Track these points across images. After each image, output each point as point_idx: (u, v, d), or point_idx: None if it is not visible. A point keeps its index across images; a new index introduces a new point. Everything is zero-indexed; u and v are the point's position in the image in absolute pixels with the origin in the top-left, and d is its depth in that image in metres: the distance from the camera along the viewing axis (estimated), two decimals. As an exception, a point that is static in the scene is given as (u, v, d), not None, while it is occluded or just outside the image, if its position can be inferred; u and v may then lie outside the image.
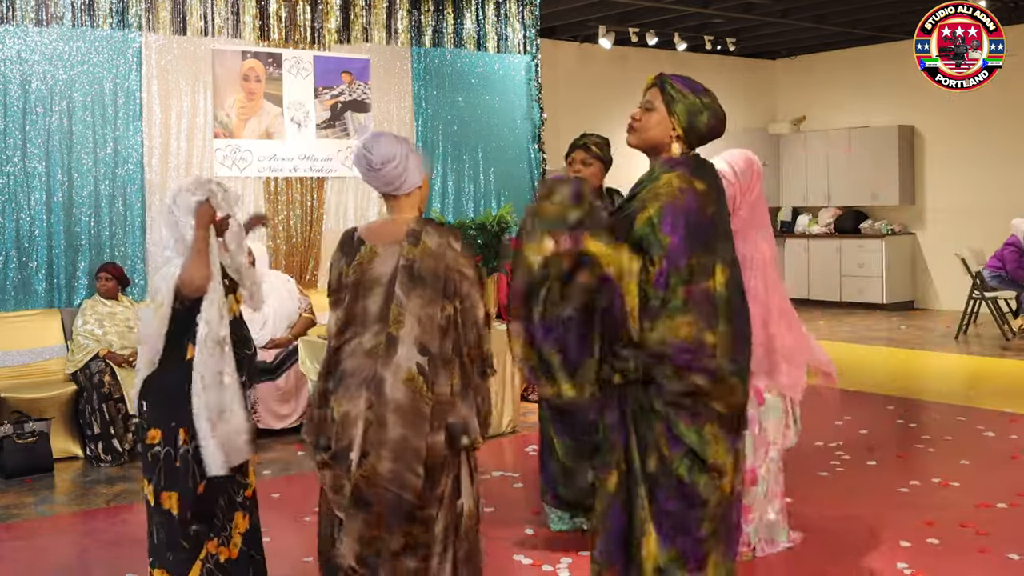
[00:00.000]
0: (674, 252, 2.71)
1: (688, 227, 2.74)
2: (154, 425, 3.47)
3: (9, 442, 5.84)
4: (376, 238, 2.90)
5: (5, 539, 4.80)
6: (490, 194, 9.08)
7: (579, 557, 4.23)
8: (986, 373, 8.52)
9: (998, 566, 4.05)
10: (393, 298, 2.81)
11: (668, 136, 2.90)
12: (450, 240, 2.87)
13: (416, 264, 2.82)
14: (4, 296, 6.82)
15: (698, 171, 2.86)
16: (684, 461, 2.74)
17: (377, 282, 2.84)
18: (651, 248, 2.73)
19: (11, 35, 6.86)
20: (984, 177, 12.03)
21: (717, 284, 2.76)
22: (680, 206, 2.75)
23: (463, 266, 2.87)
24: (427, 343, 2.79)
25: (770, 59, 14.14)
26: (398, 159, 2.89)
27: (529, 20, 9.44)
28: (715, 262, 2.76)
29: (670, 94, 2.95)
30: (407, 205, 2.96)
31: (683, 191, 2.77)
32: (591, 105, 12.05)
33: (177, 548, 3.46)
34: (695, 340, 2.70)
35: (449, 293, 2.83)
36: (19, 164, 6.88)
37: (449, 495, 2.86)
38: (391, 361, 2.78)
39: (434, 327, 2.81)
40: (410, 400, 2.77)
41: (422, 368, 2.78)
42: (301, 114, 8.11)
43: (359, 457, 2.77)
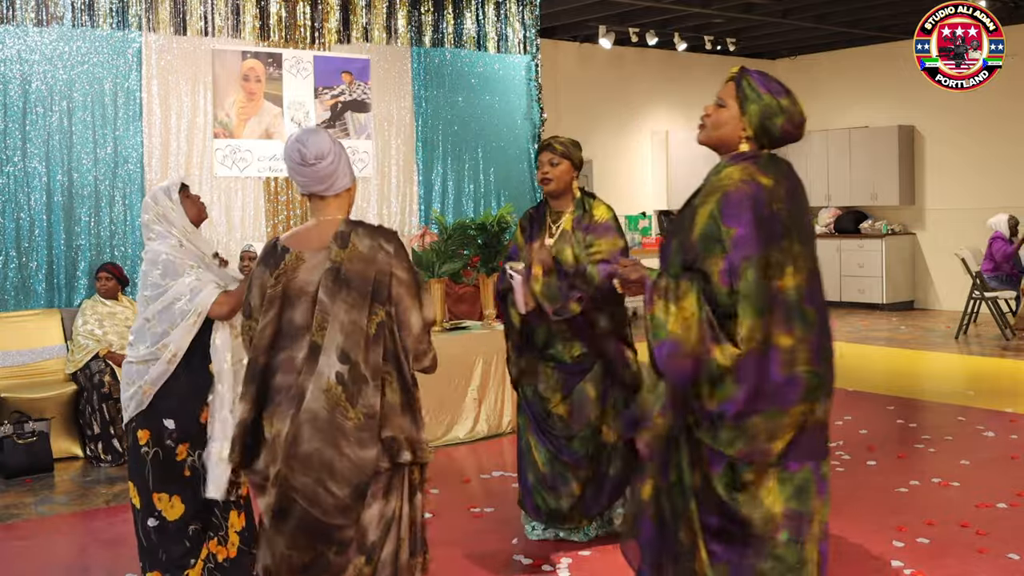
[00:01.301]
0: (742, 242, 2.54)
1: (756, 217, 2.56)
2: (144, 426, 3.47)
3: (9, 442, 5.84)
4: (301, 244, 2.70)
5: (5, 539, 4.80)
6: (490, 194, 9.08)
7: (579, 557, 4.23)
8: (986, 373, 8.52)
9: (998, 566, 4.05)
10: (318, 304, 2.62)
11: (738, 136, 2.74)
12: (382, 242, 2.67)
13: (343, 267, 2.62)
14: (4, 296, 6.82)
15: (767, 167, 2.68)
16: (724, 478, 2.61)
17: (303, 291, 2.64)
18: (713, 246, 2.57)
19: (11, 35, 6.86)
20: (984, 177, 12.03)
21: (787, 287, 2.57)
22: (741, 196, 2.59)
23: (396, 269, 2.66)
24: (349, 351, 2.58)
25: (770, 59, 14.13)
26: (331, 156, 2.72)
27: (529, 20, 9.44)
28: (785, 262, 2.57)
29: (745, 92, 2.72)
30: (335, 207, 2.77)
31: (746, 182, 2.61)
32: (591, 105, 12.06)
33: (172, 546, 3.46)
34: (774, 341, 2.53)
35: (381, 298, 2.63)
36: (19, 164, 6.89)
37: (380, 519, 2.63)
38: (313, 371, 2.59)
39: (360, 334, 2.59)
40: (327, 412, 2.56)
41: (341, 377, 2.56)
42: (301, 114, 8.11)
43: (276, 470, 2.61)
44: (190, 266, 3.47)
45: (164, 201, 3.53)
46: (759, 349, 2.55)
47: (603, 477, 4.32)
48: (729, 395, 2.57)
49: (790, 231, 2.60)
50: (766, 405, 2.57)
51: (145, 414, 3.47)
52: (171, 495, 3.48)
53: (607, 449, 4.31)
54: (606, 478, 4.33)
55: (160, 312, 3.44)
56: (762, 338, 2.54)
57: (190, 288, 3.42)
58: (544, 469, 4.34)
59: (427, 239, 7.05)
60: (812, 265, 2.65)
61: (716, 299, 2.58)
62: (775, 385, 2.56)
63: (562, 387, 4.28)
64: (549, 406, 4.31)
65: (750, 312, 2.53)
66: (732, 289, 2.55)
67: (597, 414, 4.27)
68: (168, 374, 3.44)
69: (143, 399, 3.46)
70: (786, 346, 2.56)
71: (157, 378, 3.44)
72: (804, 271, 2.61)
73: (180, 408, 3.48)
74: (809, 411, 2.60)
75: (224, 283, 3.53)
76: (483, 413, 6.46)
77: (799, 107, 2.73)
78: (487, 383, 6.47)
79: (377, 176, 8.49)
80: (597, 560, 4.22)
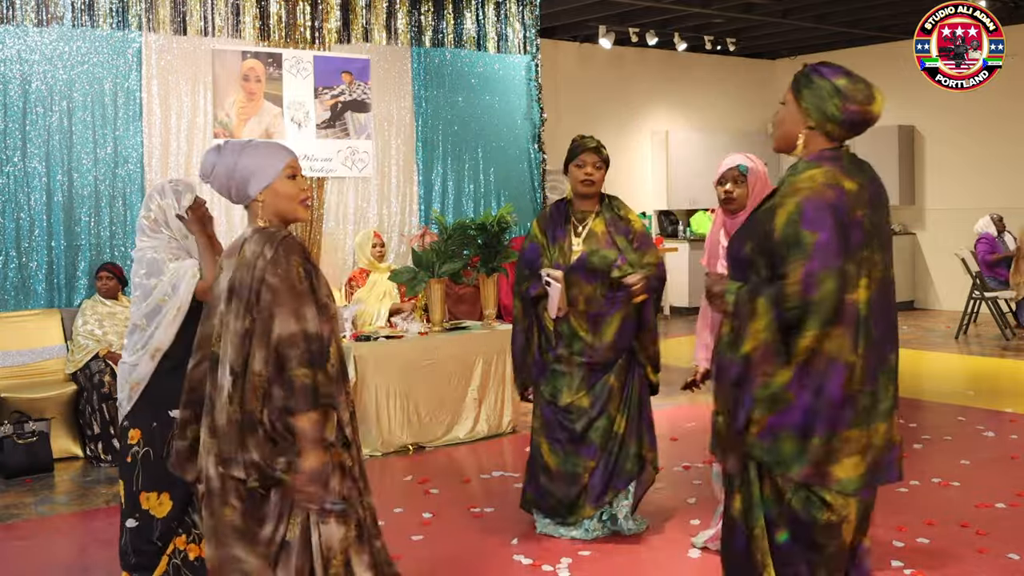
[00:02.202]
0: (824, 249, 2.42)
1: (837, 224, 2.44)
2: (135, 425, 3.47)
3: (9, 442, 5.84)
4: (224, 254, 2.72)
5: (5, 539, 4.80)
6: (490, 194, 9.08)
7: (579, 557, 4.23)
8: (986, 373, 8.52)
9: (998, 566, 4.05)
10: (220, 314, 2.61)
11: (798, 129, 2.60)
12: (265, 248, 2.55)
13: (235, 275, 2.58)
14: (4, 296, 6.82)
15: (851, 170, 2.56)
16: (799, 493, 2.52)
17: (219, 298, 2.64)
18: (795, 251, 2.45)
19: (11, 35, 6.86)
20: (984, 177, 12.03)
21: (859, 301, 2.47)
22: (823, 202, 2.46)
23: (268, 274, 2.52)
24: (234, 361, 2.53)
25: (770, 59, 14.13)
26: (219, 171, 2.68)
27: (529, 20, 9.44)
28: (860, 274, 2.48)
29: (799, 82, 2.60)
30: (252, 216, 2.71)
31: (829, 186, 2.48)
32: (591, 105, 12.06)
33: (145, 547, 3.46)
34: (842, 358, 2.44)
35: (251, 306, 2.53)
36: (19, 164, 6.89)
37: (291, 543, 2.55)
38: (216, 382, 2.57)
39: (239, 343, 2.53)
40: (225, 424, 2.53)
41: (230, 388, 2.53)
42: (301, 114, 8.11)
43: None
44: (169, 260, 3.45)
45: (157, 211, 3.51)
46: (821, 364, 2.46)
47: (609, 466, 4.37)
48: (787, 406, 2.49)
49: (871, 239, 2.51)
50: (825, 425, 2.48)
51: (140, 413, 3.47)
52: (160, 492, 3.46)
53: (616, 439, 4.36)
54: (613, 468, 4.37)
55: (148, 314, 3.44)
56: (825, 352, 2.46)
57: (171, 285, 3.41)
58: (560, 468, 4.37)
59: (427, 239, 7.06)
60: (886, 273, 2.56)
61: (786, 304, 2.46)
62: (834, 404, 2.47)
63: (585, 383, 4.34)
64: (570, 401, 4.35)
65: (816, 323, 2.43)
66: (806, 298, 2.44)
67: (616, 404, 4.35)
68: (151, 372, 3.42)
69: (132, 395, 3.46)
70: (850, 363, 2.47)
71: (143, 375, 3.43)
72: (876, 282, 2.52)
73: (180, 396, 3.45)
74: (866, 435, 2.50)
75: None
76: (483, 413, 6.46)
77: (862, 87, 2.56)
78: (487, 383, 6.47)
79: (377, 176, 8.49)
80: (597, 560, 4.22)
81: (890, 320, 2.58)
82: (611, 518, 4.48)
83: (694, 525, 4.62)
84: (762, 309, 2.50)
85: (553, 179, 9.89)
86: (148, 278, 3.45)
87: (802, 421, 2.48)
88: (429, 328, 6.42)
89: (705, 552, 4.26)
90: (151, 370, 3.43)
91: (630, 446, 4.39)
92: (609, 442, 4.36)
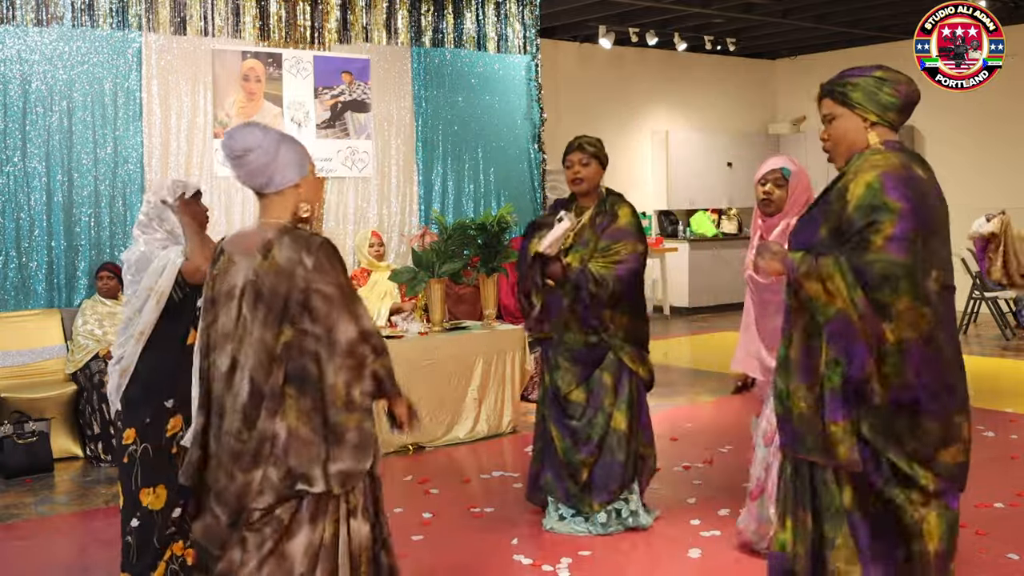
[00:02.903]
0: (911, 215, 2.38)
1: (917, 199, 2.41)
2: (129, 424, 3.47)
3: (9, 442, 5.84)
4: (234, 246, 2.60)
5: (5, 539, 4.80)
6: (490, 194, 9.08)
7: (579, 557, 4.23)
8: (986, 373, 8.52)
9: (998, 566, 4.05)
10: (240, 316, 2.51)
11: (864, 129, 2.61)
12: (303, 255, 2.48)
13: (261, 279, 2.49)
14: (4, 296, 6.82)
15: (921, 163, 2.59)
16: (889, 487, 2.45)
17: (230, 295, 2.54)
18: (879, 213, 2.39)
19: (11, 35, 6.86)
20: (984, 177, 12.03)
21: (933, 289, 2.41)
22: (903, 176, 2.45)
23: (318, 284, 2.47)
24: (255, 371, 2.47)
25: (770, 59, 14.14)
26: (260, 149, 2.56)
27: (529, 20, 9.44)
28: (932, 264, 2.42)
29: (841, 92, 2.65)
30: (276, 207, 2.62)
31: (905, 167, 2.49)
32: (591, 105, 12.06)
33: (147, 550, 3.45)
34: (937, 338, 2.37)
35: (291, 316, 2.47)
36: (19, 164, 6.88)
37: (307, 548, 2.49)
38: (231, 388, 2.50)
39: (265, 354, 2.46)
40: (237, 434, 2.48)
41: (248, 398, 2.48)
42: (301, 114, 8.11)
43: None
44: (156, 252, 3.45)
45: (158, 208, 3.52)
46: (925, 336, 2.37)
47: (611, 463, 4.43)
48: (905, 381, 2.40)
49: (940, 232, 2.49)
50: (937, 405, 2.40)
51: (131, 409, 3.46)
52: (155, 486, 3.47)
53: (616, 436, 4.43)
54: (615, 465, 4.43)
55: (139, 311, 3.45)
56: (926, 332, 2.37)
57: (158, 273, 3.41)
58: (564, 457, 4.46)
59: (427, 239, 7.05)
60: (950, 281, 2.51)
61: (869, 273, 2.39)
62: (945, 386, 2.40)
63: (578, 377, 4.45)
64: (566, 393, 4.46)
65: (910, 288, 2.35)
66: (897, 259, 2.35)
67: (611, 400, 4.42)
68: (137, 355, 3.41)
69: (122, 384, 3.46)
70: (944, 347, 2.40)
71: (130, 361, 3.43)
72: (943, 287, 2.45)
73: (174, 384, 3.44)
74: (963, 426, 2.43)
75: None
76: (483, 413, 6.46)
77: (892, 72, 2.63)
78: (487, 383, 6.47)
79: (377, 176, 8.49)
80: (597, 560, 4.22)
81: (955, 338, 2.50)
82: (619, 513, 4.51)
83: (694, 525, 4.61)
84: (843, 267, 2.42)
85: (553, 179, 9.89)
86: (137, 274, 3.48)
87: (921, 397, 2.39)
88: (429, 328, 6.42)
89: (706, 552, 4.26)
90: (137, 353, 3.42)
91: (632, 444, 4.46)
92: (608, 439, 4.43)
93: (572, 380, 4.45)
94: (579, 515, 4.50)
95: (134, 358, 3.44)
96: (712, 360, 9.40)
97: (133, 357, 3.44)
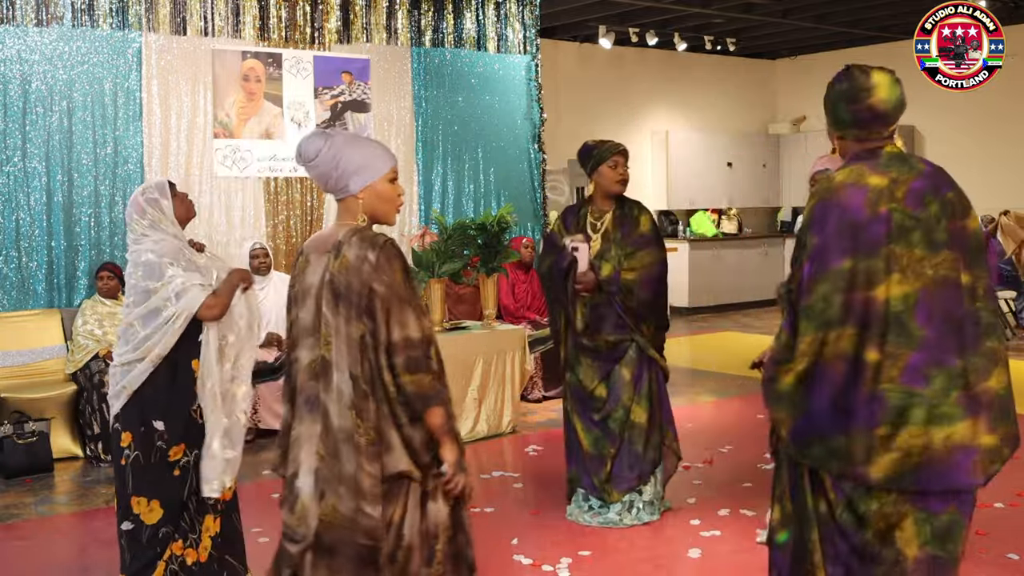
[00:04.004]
0: (819, 254, 2.43)
1: (840, 225, 2.42)
2: (126, 427, 3.47)
3: (9, 442, 5.84)
4: (311, 247, 2.72)
5: (5, 539, 4.80)
6: (490, 194, 9.08)
7: (579, 557, 4.23)
8: (986, 373, 8.51)
9: (998, 566, 4.05)
10: (321, 312, 2.61)
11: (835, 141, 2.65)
12: (368, 252, 2.57)
13: (335, 278, 2.60)
14: (4, 296, 6.82)
15: (887, 165, 2.53)
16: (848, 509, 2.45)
17: (308, 293, 2.66)
18: (801, 252, 2.49)
19: (11, 35, 6.86)
20: (984, 177, 12.01)
21: (891, 296, 2.39)
22: (834, 202, 2.46)
23: (375, 281, 2.56)
24: (351, 366, 2.57)
25: (770, 59, 14.14)
26: (321, 159, 2.65)
27: (529, 20, 9.44)
28: (891, 269, 2.40)
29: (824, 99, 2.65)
30: (348, 211, 2.70)
31: (844, 186, 2.47)
32: (591, 105, 12.06)
33: (142, 551, 3.45)
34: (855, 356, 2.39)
35: (363, 311, 2.57)
36: (19, 164, 6.88)
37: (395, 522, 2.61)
38: (330, 387, 2.59)
39: (355, 348, 2.57)
40: (352, 430, 2.56)
41: (353, 393, 2.57)
42: (301, 114, 8.11)
43: (315, 493, 2.59)
44: (169, 264, 3.44)
45: (154, 213, 3.53)
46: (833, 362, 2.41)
47: (631, 455, 4.59)
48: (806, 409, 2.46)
49: (907, 234, 2.42)
50: (850, 423, 2.41)
51: (129, 416, 3.46)
52: (150, 499, 3.46)
53: (636, 429, 4.58)
54: (634, 456, 4.59)
55: (145, 317, 3.43)
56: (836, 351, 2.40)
57: (175, 292, 3.40)
58: (590, 450, 4.62)
59: (427, 239, 7.05)
60: (943, 275, 2.43)
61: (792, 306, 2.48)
62: (858, 402, 2.40)
63: (599, 373, 4.60)
64: (591, 389, 4.61)
65: (811, 328, 2.41)
66: (801, 303, 2.45)
67: (630, 395, 4.58)
68: (147, 374, 3.42)
69: (122, 397, 3.46)
70: (871, 361, 2.39)
71: (136, 378, 3.43)
72: (924, 280, 2.41)
73: (169, 408, 3.46)
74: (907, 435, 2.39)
75: (208, 281, 3.51)
76: (483, 413, 6.46)
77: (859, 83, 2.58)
78: (487, 383, 6.47)
79: (377, 176, 8.48)
80: (597, 560, 4.22)
81: (963, 327, 2.44)
82: (633, 504, 4.64)
83: (694, 525, 4.62)
84: (783, 306, 2.54)
85: (553, 179, 9.89)
86: (145, 280, 3.44)
87: (823, 421, 2.43)
88: (429, 328, 6.41)
89: (706, 552, 4.26)
90: (146, 373, 3.43)
91: (651, 435, 4.60)
92: (627, 431, 4.58)
93: (595, 376, 4.60)
94: (604, 506, 4.64)
95: (142, 379, 3.43)
96: (712, 360, 9.40)
97: (142, 378, 3.43)
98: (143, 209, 3.51)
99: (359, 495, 2.55)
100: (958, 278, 2.44)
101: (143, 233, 3.51)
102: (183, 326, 3.41)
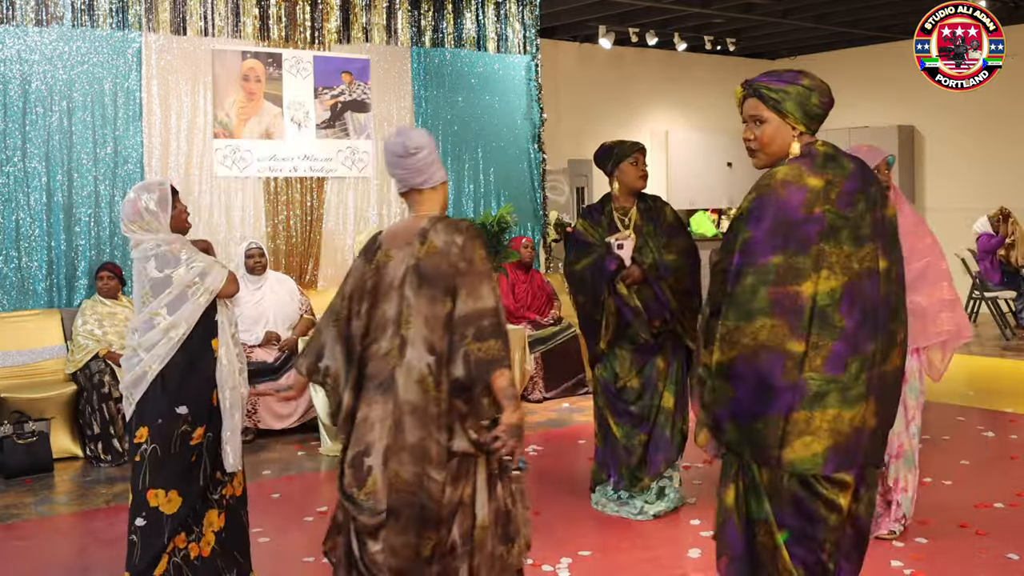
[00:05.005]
0: (751, 248, 2.55)
1: (775, 222, 2.54)
2: (142, 423, 3.48)
3: (9, 442, 5.84)
4: (391, 241, 2.88)
5: (5, 539, 4.80)
6: (490, 194, 9.08)
7: (579, 557, 4.23)
8: (986, 373, 8.52)
9: (997, 566, 4.05)
10: (404, 300, 2.79)
11: (790, 138, 2.69)
12: (455, 236, 2.79)
13: (422, 263, 2.78)
14: (4, 296, 6.82)
15: (823, 166, 2.63)
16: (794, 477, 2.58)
17: (391, 286, 2.82)
18: (731, 243, 2.60)
19: (11, 35, 6.86)
20: (984, 177, 12.03)
21: (812, 293, 2.51)
22: (773, 199, 2.57)
23: (459, 261, 2.76)
24: (435, 343, 2.75)
25: (770, 59, 14.13)
26: (428, 149, 2.86)
27: (529, 20, 9.44)
28: (816, 267, 2.52)
29: (774, 97, 2.70)
30: (430, 201, 2.91)
31: (785, 184, 2.58)
32: (591, 105, 12.05)
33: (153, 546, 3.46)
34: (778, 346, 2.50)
35: (449, 291, 2.76)
36: (19, 164, 6.88)
37: (466, 502, 2.77)
38: (403, 363, 2.76)
39: (440, 326, 2.75)
40: (423, 401, 2.73)
41: (431, 368, 2.74)
42: (301, 114, 8.11)
43: (382, 463, 2.74)
44: (180, 249, 3.56)
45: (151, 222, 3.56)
46: (757, 352, 2.53)
47: (662, 439, 4.74)
48: (726, 396, 2.61)
49: (836, 233, 2.54)
50: (765, 409, 2.55)
51: (149, 406, 3.48)
52: (168, 490, 3.48)
53: (664, 413, 4.73)
54: (664, 440, 4.73)
55: (172, 303, 3.49)
56: (760, 341, 2.52)
57: (199, 273, 3.51)
58: (624, 441, 4.74)
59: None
60: (868, 266, 2.56)
61: (716, 294, 2.62)
62: (775, 390, 2.53)
63: (635, 364, 4.73)
64: (624, 381, 4.74)
65: (734, 315, 2.55)
66: (727, 290, 2.58)
67: (663, 382, 4.74)
68: (174, 351, 3.47)
69: (145, 383, 3.47)
70: (793, 352, 2.51)
71: (165, 354, 3.48)
72: (850, 274, 2.53)
73: (191, 392, 3.51)
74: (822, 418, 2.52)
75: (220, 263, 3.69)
76: (483, 413, 6.44)
77: (820, 81, 2.73)
78: (487, 383, 6.46)
79: (377, 176, 8.48)
80: (597, 560, 4.22)
81: (876, 311, 2.58)
82: (660, 491, 4.77)
83: (694, 525, 4.62)
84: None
85: (553, 179, 9.90)
86: (162, 269, 3.52)
87: (744, 407, 2.57)
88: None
89: (706, 552, 4.26)
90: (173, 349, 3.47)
91: (677, 421, 4.74)
92: (657, 416, 4.71)
93: (631, 368, 4.72)
94: (631, 496, 4.74)
95: (170, 355, 3.48)
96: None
97: (170, 354, 3.48)
98: (140, 215, 3.55)
99: (425, 460, 2.71)
100: (878, 267, 2.59)
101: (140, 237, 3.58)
102: (207, 302, 3.51)
